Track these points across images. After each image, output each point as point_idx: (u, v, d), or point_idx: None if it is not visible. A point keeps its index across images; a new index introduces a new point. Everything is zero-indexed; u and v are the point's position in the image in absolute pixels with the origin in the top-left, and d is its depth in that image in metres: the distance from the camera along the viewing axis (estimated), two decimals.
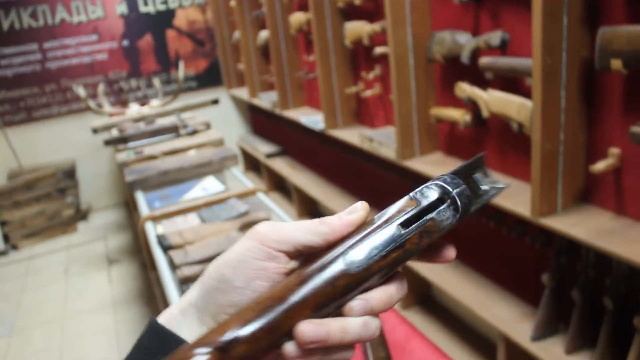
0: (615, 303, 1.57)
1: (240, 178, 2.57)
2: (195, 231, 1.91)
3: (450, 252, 0.43)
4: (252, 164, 4.94)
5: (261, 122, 4.77)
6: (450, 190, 0.40)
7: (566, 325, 1.76)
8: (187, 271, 1.64)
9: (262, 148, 4.37)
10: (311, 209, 3.84)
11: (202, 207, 2.17)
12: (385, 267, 0.40)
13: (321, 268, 0.40)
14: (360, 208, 0.43)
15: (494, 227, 2.04)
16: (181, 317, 0.44)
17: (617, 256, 1.42)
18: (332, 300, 0.39)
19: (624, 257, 1.40)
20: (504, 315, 1.93)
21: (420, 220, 0.40)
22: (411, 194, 0.42)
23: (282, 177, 3.96)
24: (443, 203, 0.40)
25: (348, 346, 0.40)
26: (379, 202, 2.98)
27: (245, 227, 1.91)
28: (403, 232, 0.40)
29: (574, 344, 1.71)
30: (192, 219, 2.09)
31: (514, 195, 1.78)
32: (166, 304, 1.87)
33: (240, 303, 0.41)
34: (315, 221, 0.43)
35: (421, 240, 0.40)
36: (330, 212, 3.48)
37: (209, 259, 1.70)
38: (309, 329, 0.38)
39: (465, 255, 2.31)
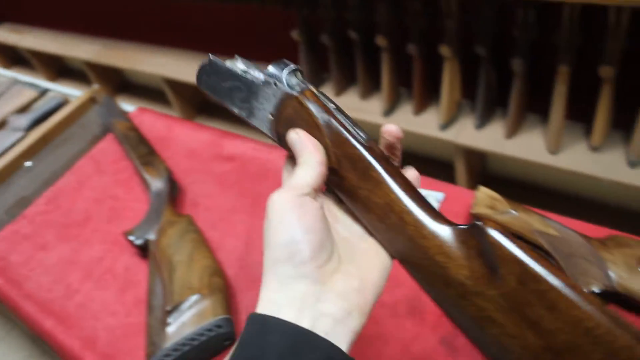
0: (359, 33, 1.64)
1: None
2: None
3: None
4: None
5: None
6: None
7: (328, 71, 1.84)
8: None
9: None
10: (59, 67, 3.45)
11: None
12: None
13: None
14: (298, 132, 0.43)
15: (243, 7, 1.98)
16: (274, 296, 0.39)
17: None
18: None
19: None
20: None
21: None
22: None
23: (11, 46, 3.45)
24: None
25: None
26: (130, 30, 2.73)
27: None
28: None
29: (340, 85, 1.81)
30: None
31: None
32: None
33: (309, 249, 0.38)
34: (305, 159, 0.42)
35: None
36: (78, 62, 3.15)
37: None
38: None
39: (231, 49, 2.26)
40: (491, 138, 1.54)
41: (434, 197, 0.81)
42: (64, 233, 1.08)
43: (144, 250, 0.93)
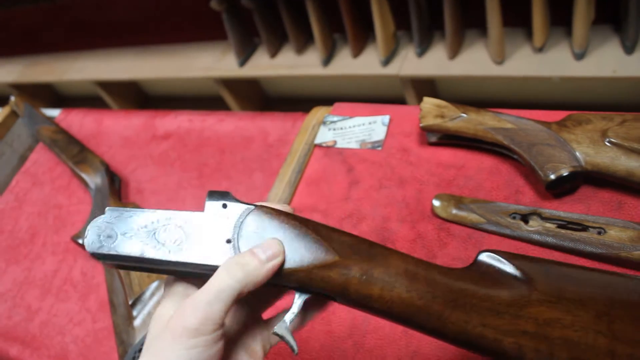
0: None
1: None
2: None
3: None
4: None
5: None
6: None
7: (258, 35, 1.77)
8: None
9: None
10: None
11: None
12: None
13: None
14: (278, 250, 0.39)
15: None
16: None
17: None
18: None
19: None
20: (208, 61, 1.89)
21: None
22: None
23: None
24: None
25: None
26: (48, 43, 2.60)
27: None
28: None
29: (273, 47, 1.75)
30: None
31: None
32: None
33: None
34: (231, 271, 0.37)
35: None
36: (3, 87, 3.01)
37: None
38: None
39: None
40: (435, 63, 1.50)
41: (380, 121, 0.77)
42: (12, 255, 1.01)
43: None
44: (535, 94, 1.63)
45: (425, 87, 1.64)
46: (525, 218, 0.62)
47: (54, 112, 1.23)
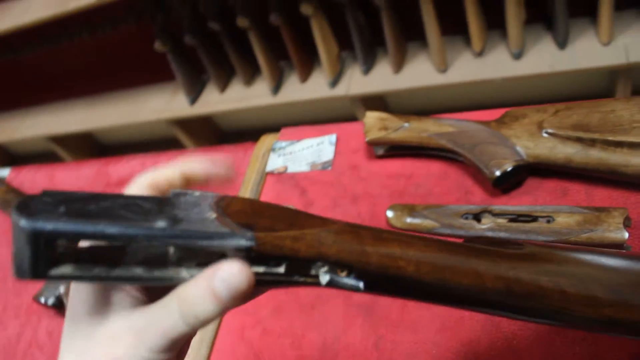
0: (219, 22, 1.59)
1: None
2: None
3: None
4: None
5: None
6: None
7: (206, 71, 1.78)
8: None
9: None
10: None
11: None
12: None
13: None
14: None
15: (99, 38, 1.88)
16: None
17: None
18: None
19: None
20: (159, 103, 1.88)
21: None
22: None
23: None
24: None
25: None
26: None
27: None
28: None
29: (222, 81, 1.75)
30: None
31: None
32: None
33: None
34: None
35: None
36: None
37: None
38: None
39: None
40: (381, 79, 1.53)
41: (327, 140, 0.78)
42: None
43: (60, 308, 0.85)
44: (480, 96, 1.67)
45: (375, 103, 1.66)
46: (477, 217, 0.64)
47: (3, 172, 1.21)
